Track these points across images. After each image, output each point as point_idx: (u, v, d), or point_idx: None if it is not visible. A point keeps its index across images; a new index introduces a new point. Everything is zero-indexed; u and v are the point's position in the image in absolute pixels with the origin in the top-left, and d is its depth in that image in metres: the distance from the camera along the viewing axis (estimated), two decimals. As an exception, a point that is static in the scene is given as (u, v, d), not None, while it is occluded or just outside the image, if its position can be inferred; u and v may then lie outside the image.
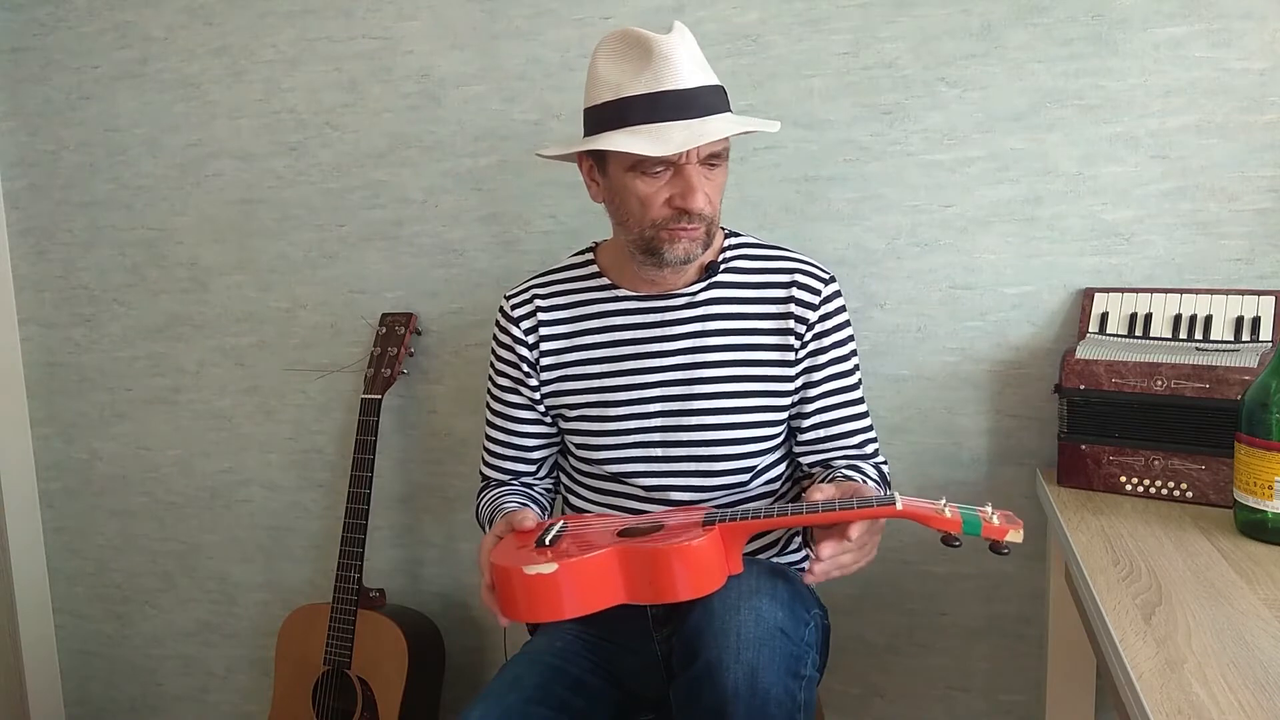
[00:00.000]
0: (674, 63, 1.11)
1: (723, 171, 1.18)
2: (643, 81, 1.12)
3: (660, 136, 1.10)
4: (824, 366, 1.26)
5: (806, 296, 1.25)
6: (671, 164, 1.13)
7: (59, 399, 2.02)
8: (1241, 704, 0.74)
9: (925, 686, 1.59)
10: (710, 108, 1.13)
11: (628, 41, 1.15)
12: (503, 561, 1.03)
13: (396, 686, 1.62)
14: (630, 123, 1.12)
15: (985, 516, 0.95)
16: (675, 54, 1.12)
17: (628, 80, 1.13)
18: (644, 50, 1.13)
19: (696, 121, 1.11)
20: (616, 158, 1.15)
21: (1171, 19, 1.36)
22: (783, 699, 0.98)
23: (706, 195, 1.15)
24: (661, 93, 1.11)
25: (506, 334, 1.33)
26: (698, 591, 0.99)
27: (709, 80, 1.15)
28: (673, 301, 1.26)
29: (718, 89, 1.16)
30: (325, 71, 1.74)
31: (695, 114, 1.11)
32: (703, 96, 1.13)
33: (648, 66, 1.12)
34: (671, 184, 1.14)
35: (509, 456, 1.37)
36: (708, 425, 1.24)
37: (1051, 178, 1.43)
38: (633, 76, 1.13)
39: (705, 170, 1.15)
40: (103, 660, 2.09)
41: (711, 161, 1.15)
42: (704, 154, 1.13)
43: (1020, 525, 0.94)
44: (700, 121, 1.11)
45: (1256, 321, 1.30)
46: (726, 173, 1.20)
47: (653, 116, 1.11)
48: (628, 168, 1.15)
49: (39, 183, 1.96)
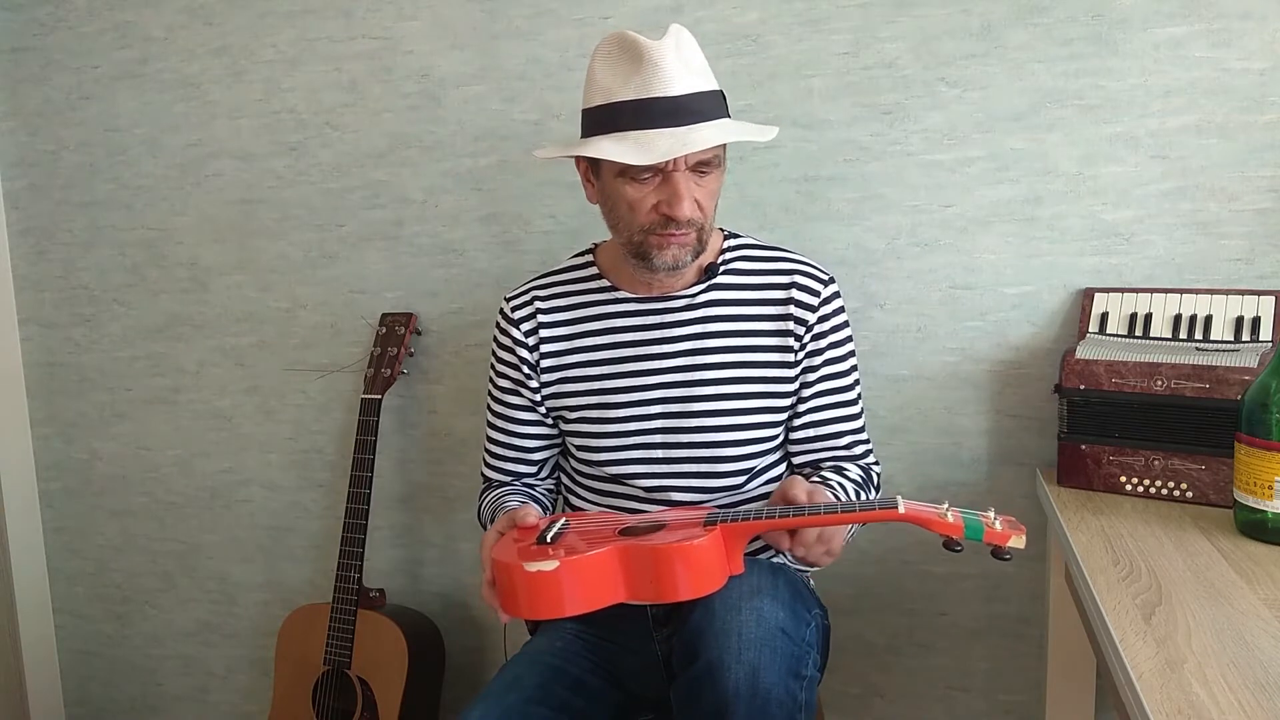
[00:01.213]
0: (663, 69, 1.11)
1: (715, 178, 1.17)
2: (632, 87, 1.12)
3: (645, 144, 1.10)
4: (819, 367, 1.26)
5: (806, 298, 1.25)
6: (659, 170, 1.13)
7: (59, 399, 2.02)
8: (1241, 704, 0.74)
9: (925, 686, 1.59)
10: (702, 114, 1.12)
11: (622, 46, 1.14)
12: (504, 558, 1.03)
13: (396, 686, 1.62)
14: (618, 128, 1.12)
15: (988, 521, 0.94)
16: (665, 60, 1.11)
17: (618, 85, 1.13)
18: (635, 55, 1.12)
19: (683, 130, 1.10)
20: (607, 162, 1.15)
21: (1171, 19, 1.36)
22: (784, 699, 0.98)
23: (696, 202, 1.14)
24: (649, 99, 1.11)
25: (507, 335, 1.33)
26: (698, 591, 0.99)
27: (702, 86, 1.14)
28: (672, 303, 1.26)
29: (713, 94, 1.15)
30: (325, 71, 1.74)
31: (684, 121, 1.11)
32: (694, 103, 1.12)
33: (638, 72, 1.12)
34: (659, 190, 1.14)
35: (510, 458, 1.37)
36: (708, 427, 1.24)
37: (1051, 178, 1.43)
38: (623, 82, 1.13)
39: (695, 177, 1.14)
40: (103, 660, 2.09)
41: (702, 168, 1.14)
42: (692, 161, 1.13)
43: (1023, 531, 0.94)
44: (687, 130, 1.10)
45: (1256, 321, 1.30)
46: (721, 178, 1.19)
47: (640, 123, 1.11)
48: (617, 173, 1.15)
49: (39, 183, 1.96)
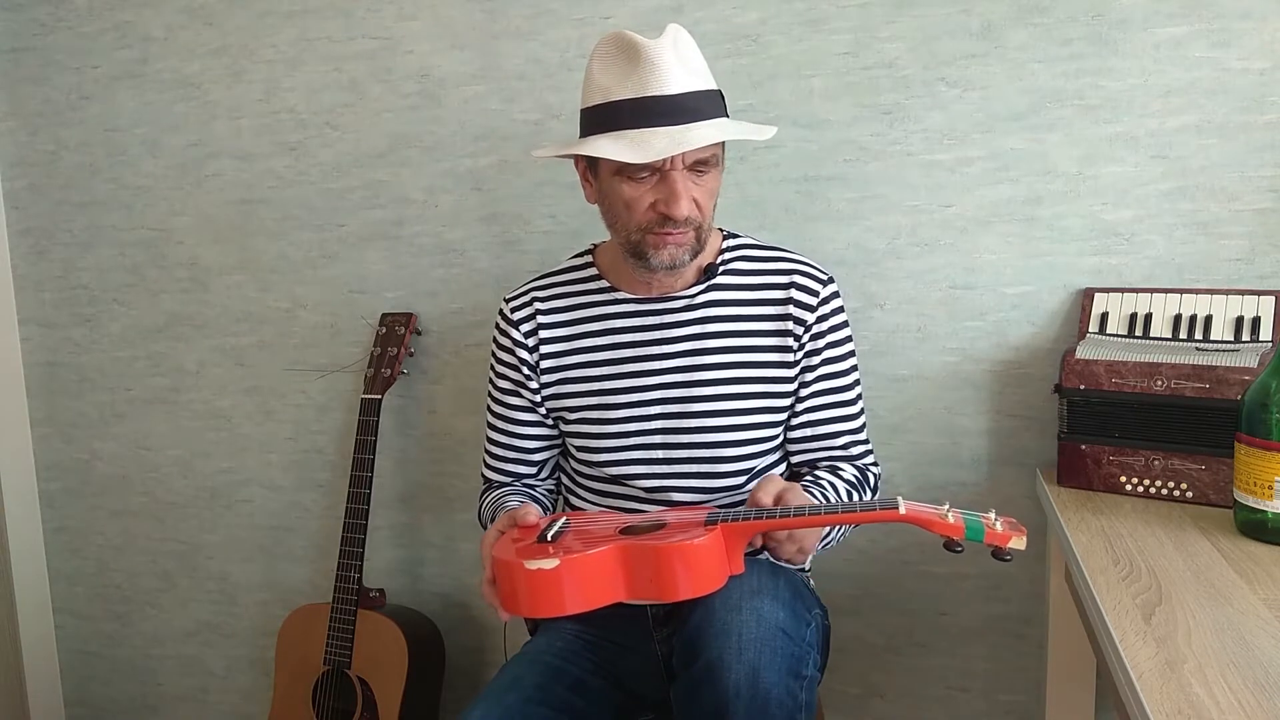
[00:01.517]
0: (660, 68, 1.11)
1: (713, 177, 1.17)
2: (629, 86, 1.12)
3: (641, 142, 1.10)
4: (817, 367, 1.26)
5: (804, 298, 1.25)
6: (657, 169, 1.13)
7: (59, 399, 2.02)
8: (1241, 704, 0.74)
9: (925, 686, 1.59)
10: (699, 113, 1.12)
11: (619, 45, 1.15)
12: (504, 556, 1.03)
13: (396, 686, 1.62)
14: (616, 127, 1.12)
15: (988, 523, 0.94)
16: (662, 59, 1.11)
17: (616, 84, 1.13)
18: (632, 54, 1.13)
19: (679, 129, 1.10)
20: (604, 161, 1.15)
21: (1171, 19, 1.36)
22: (784, 699, 0.98)
23: (694, 201, 1.14)
24: (646, 98, 1.11)
25: (506, 337, 1.33)
26: (698, 590, 0.99)
27: (700, 85, 1.14)
28: (672, 304, 1.26)
29: (711, 94, 1.15)
30: (325, 71, 1.74)
31: (682, 120, 1.11)
32: (691, 102, 1.12)
33: (634, 71, 1.12)
34: (656, 189, 1.14)
35: (510, 459, 1.37)
36: (708, 427, 1.24)
37: (1051, 178, 1.43)
38: (620, 81, 1.13)
39: (693, 176, 1.14)
40: (103, 660, 2.09)
41: (699, 168, 1.14)
42: (690, 160, 1.13)
43: (1024, 532, 0.94)
44: (683, 129, 1.10)
45: (1256, 321, 1.30)
46: (719, 177, 1.19)
47: (637, 122, 1.11)
48: (614, 171, 1.15)
49: (39, 183, 1.96)
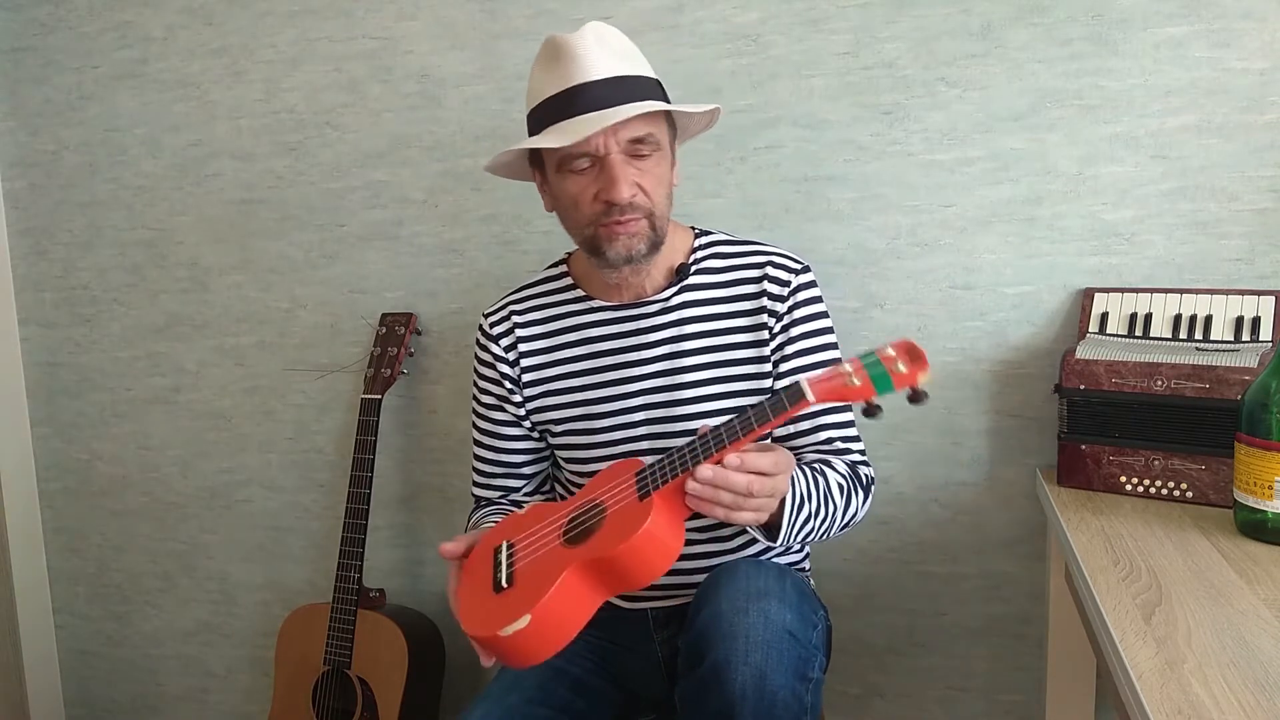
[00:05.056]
0: (580, 58, 1.11)
1: (656, 161, 1.15)
2: (556, 82, 1.12)
3: (568, 129, 1.10)
4: (791, 358, 1.23)
5: (776, 289, 1.23)
6: (595, 159, 1.12)
7: (59, 399, 2.02)
8: (1241, 704, 0.74)
9: (925, 686, 1.59)
10: (630, 97, 1.11)
11: (547, 48, 1.15)
12: (478, 632, 1.02)
13: (396, 686, 1.62)
14: (550, 123, 1.13)
15: (890, 365, 0.90)
16: (580, 49, 1.12)
17: (548, 84, 1.14)
18: (556, 52, 1.13)
19: (609, 111, 1.10)
20: (550, 161, 1.15)
21: (1171, 19, 1.36)
22: (790, 702, 0.98)
23: (636, 185, 1.13)
24: (571, 88, 1.11)
25: (487, 352, 1.32)
26: (666, 565, 1.00)
27: (629, 70, 1.13)
28: (646, 309, 1.25)
29: (644, 80, 1.14)
30: (325, 71, 1.74)
31: (610, 104, 1.10)
32: (619, 86, 1.11)
33: (559, 67, 1.13)
34: (598, 179, 1.13)
35: (499, 474, 1.36)
36: (693, 430, 1.23)
37: (1051, 178, 1.43)
38: (550, 80, 1.13)
39: (634, 161, 1.13)
40: (103, 660, 2.09)
41: (638, 149, 1.13)
42: (623, 141, 1.11)
43: (924, 359, 0.90)
44: (613, 110, 1.10)
45: (1256, 321, 1.30)
46: (666, 163, 1.18)
47: (565, 112, 1.11)
48: (556, 169, 1.15)
49: (39, 183, 1.96)
